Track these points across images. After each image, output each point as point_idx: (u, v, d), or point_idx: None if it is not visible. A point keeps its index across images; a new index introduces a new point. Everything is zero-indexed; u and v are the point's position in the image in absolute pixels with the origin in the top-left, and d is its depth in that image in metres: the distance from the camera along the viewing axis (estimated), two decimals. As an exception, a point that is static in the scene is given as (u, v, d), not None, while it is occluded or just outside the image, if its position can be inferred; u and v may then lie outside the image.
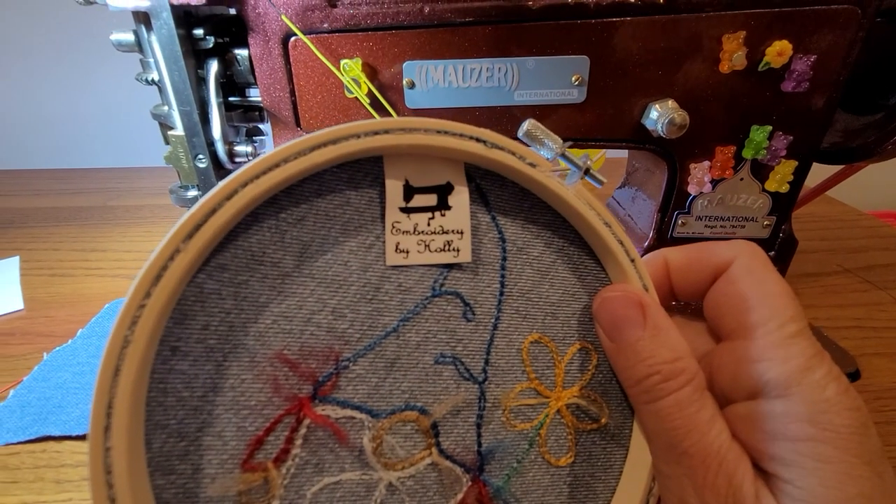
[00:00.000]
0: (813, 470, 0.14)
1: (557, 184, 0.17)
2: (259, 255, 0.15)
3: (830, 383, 0.14)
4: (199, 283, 0.15)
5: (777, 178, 0.33)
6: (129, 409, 0.13)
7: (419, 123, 0.15)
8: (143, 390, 0.14)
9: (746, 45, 0.28)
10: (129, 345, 0.13)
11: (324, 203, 0.16)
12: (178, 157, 0.31)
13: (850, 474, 0.14)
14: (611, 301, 0.18)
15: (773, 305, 0.16)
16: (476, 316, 0.18)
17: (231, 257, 0.15)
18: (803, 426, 0.14)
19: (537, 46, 0.29)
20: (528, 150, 0.17)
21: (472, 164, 0.17)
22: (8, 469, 0.25)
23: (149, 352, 0.14)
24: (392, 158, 0.16)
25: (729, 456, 0.15)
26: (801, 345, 0.15)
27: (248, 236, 0.15)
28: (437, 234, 0.17)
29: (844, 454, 0.14)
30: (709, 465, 0.15)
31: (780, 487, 0.14)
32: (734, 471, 0.15)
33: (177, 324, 0.15)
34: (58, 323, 0.37)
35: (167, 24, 0.26)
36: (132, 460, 0.14)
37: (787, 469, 0.14)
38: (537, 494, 0.18)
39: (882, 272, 0.43)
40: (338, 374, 0.16)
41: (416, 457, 0.17)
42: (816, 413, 0.14)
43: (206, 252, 0.15)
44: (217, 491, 0.15)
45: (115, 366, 0.13)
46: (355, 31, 0.28)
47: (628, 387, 0.17)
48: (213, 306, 0.15)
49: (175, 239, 0.14)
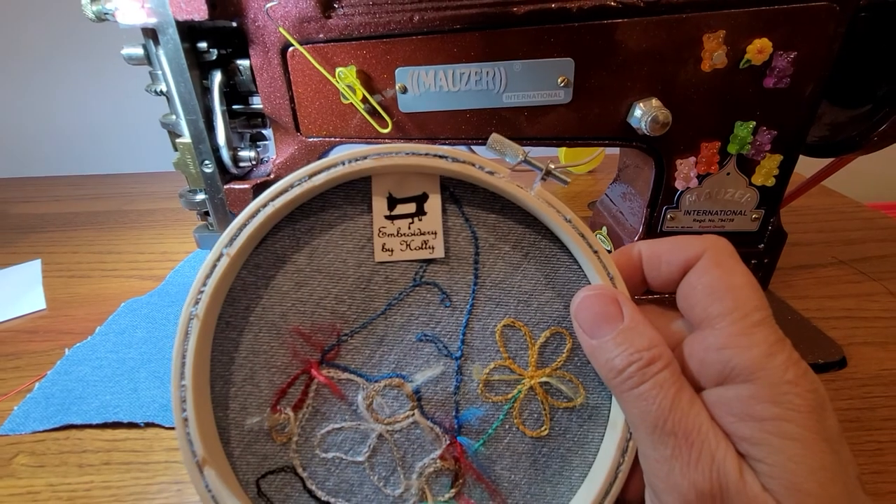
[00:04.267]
0: (780, 447, 0.15)
1: (514, 186, 0.19)
2: (281, 256, 0.20)
3: (791, 367, 0.15)
4: (243, 277, 0.20)
5: (763, 172, 0.33)
6: (196, 360, 0.19)
7: (391, 149, 0.19)
8: (208, 350, 0.20)
9: (727, 44, 0.29)
10: (194, 318, 0.19)
11: (326, 215, 0.21)
12: (185, 163, 0.32)
13: (812, 449, 0.15)
14: (588, 300, 0.19)
15: (738, 296, 0.17)
16: (452, 302, 0.21)
17: (262, 258, 0.20)
18: (768, 406, 0.15)
19: (523, 50, 0.30)
20: (487, 161, 0.19)
21: (445, 176, 0.20)
22: (35, 454, 0.27)
23: (209, 323, 0.19)
24: (378, 177, 0.20)
25: (710, 435, 0.16)
26: (763, 332, 0.16)
27: (273, 242, 0.20)
28: (415, 235, 0.20)
29: (805, 431, 0.15)
30: (692, 443, 0.16)
31: (754, 466, 0.15)
32: (716, 449, 0.15)
33: (228, 305, 0.20)
34: (77, 321, 0.39)
35: (173, 39, 0.28)
36: (199, 396, 0.19)
37: (756, 448, 0.15)
38: (511, 460, 0.20)
39: (877, 263, 0.43)
40: (339, 345, 0.21)
41: (401, 415, 0.21)
42: (779, 395, 0.15)
43: (244, 255, 0.20)
44: (254, 425, 0.20)
45: (186, 330, 0.19)
46: (349, 40, 0.30)
47: (610, 378, 0.18)
48: (251, 293, 0.20)
49: (219, 246, 0.19)
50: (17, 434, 0.28)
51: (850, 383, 0.31)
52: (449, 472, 0.20)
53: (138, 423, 0.29)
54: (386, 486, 0.20)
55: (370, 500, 0.20)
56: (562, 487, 0.20)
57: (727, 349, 0.16)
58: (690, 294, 0.18)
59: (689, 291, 0.18)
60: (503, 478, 0.20)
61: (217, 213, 0.34)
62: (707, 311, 0.17)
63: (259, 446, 0.20)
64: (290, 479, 0.20)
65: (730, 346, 0.16)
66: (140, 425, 0.29)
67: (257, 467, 0.20)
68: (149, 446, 0.28)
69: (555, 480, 0.20)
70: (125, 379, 0.32)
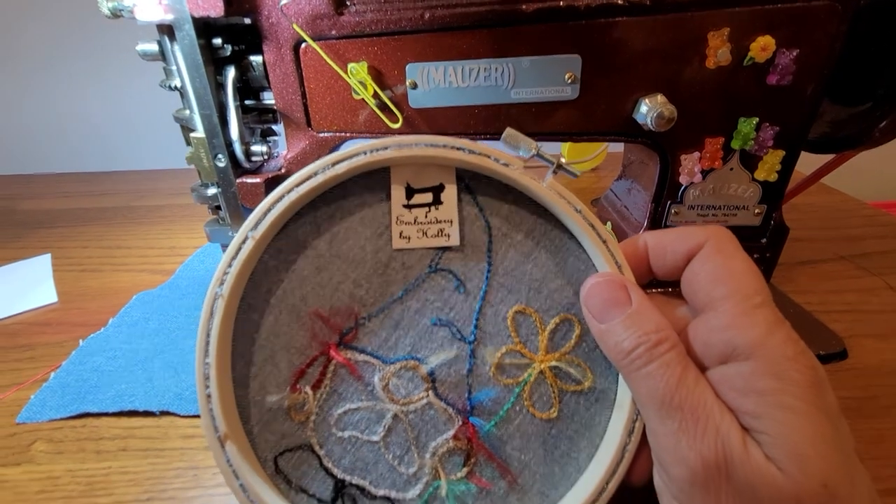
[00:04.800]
0: (781, 419, 0.15)
1: (528, 178, 0.20)
2: (303, 241, 0.21)
3: (790, 345, 0.16)
4: (265, 261, 0.21)
5: (766, 168, 0.34)
6: (220, 341, 0.20)
7: (411, 140, 0.20)
8: (230, 331, 0.20)
9: (731, 42, 0.30)
10: (219, 298, 0.20)
11: (347, 203, 0.21)
12: (199, 157, 0.33)
13: (811, 419, 0.15)
14: (598, 286, 0.20)
15: (739, 280, 0.18)
16: (466, 289, 0.21)
17: (284, 243, 0.21)
18: (769, 381, 0.16)
19: (532, 47, 0.30)
20: (502, 153, 0.20)
21: (461, 168, 0.21)
22: (53, 441, 0.28)
23: (232, 304, 0.20)
24: (397, 167, 0.21)
25: (715, 409, 0.16)
26: (764, 313, 0.17)
27: (295, 228, 0.21)
28: (432, 223, 0.21)
29: (804, 403, 0.15)
30: (698, 418, 0.16)
31: (757, 438, 0.16)
32: (721, 422, 0.16)
33: (251, 288, 0.21)
34: (89, 314, 0.39)
35: (189, 35, 0.29)
36: (222, 374, 0.20)
37: (758, 421, 0.16)
38: (521, 441, 0.21)
39: (878, 259, 0.44)
40: (357, 328, 0.21)
41: (415, 396, 0.21)
42: (779, 370, 0.16)
43: (268, 239, 0.21)
44: (274, 403, 0.21)
45: (211, 309, 0.20)
46: (361, 36, 0.30)
47: (619, 360, 0.19)
48: (273, 277, 0.21)
49: (244, 229, 0.20)
50: (35, 422, 0.29)
51: (850, 374, 0.31)
52: (461, 451, 0.21)
53: (153, 411, 0.29)
54: (400, 465, 0.21)
55: (385, 478, 0.21)
56: (570, 468, 0.21)
57: (730, 329, 0.17)
58: (694, 280, 0.19)
59: (692, 278, 0.19)
60: (513, 458, 0.21)
61: (229, 207, 0.35)
62: (710, 296, 0.18)
63: (277, 425, 0.21)
64: (308, 456, 0.21)
65: (732, 327, 0.17)
66: (155, 413, 0.29)
67: (275, 445, 0.21)
68: (164, 433, 0.28)
69: (563, 461, 0.21)
70: (139, 369, 0.32)
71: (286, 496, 0.20)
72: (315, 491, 0.21)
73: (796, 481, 0.15)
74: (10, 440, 0.28)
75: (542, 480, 0.21)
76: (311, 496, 0.21)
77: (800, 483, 0.15)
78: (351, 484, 0.21)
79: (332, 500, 0.21)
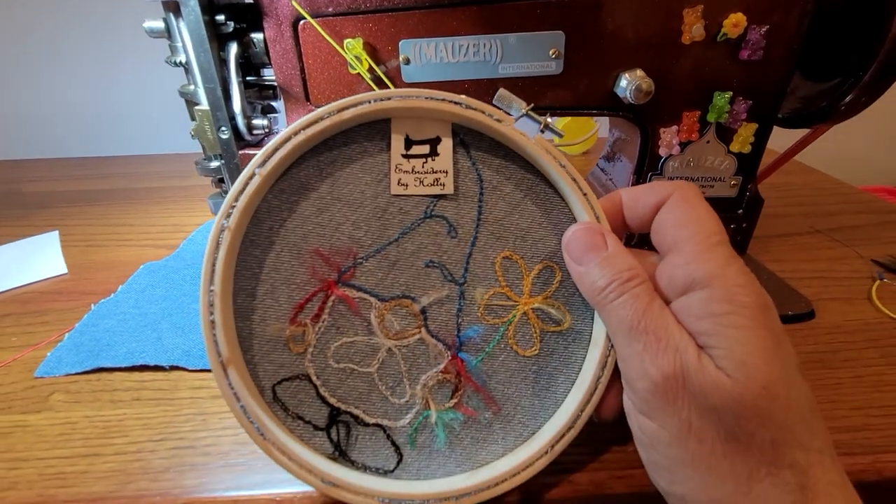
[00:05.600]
0: (731, 335, 0.18)
1: (518, 133, 0.22)
2: (305, 183, 0.23)
3: (741, 275, 0.19)
4: (268, 200, 0.23)
5: (740, 140, 0.36)
6: (224, 271, 0.21)
7: (413, 92, 0.22)
8: (233, 263, 0.22)
9: (705, 18, 0.31)
10: (225, 230, 0.21)
11: (349, 150, 0.23)
12: (203, 130, 0.35)
13: (757, 335, 0.18)
14: (578, 233, 0.22)
15: (699, 223, 0.20)
16: (458, 234, 0.23)
17: (287, 184, 0.23)
18: (723, 304, 0.18)
19: (518, 24, 0.32)
20: (496, 110, 0.22)
21: (457, 123, 0.22)
22: (71, 392, 0.30)
23: (237, 237, 0.22)
24: (398, 119, 0.22)
25: (675, 331, 0.19)
26: (720, 249, 0.19)
27: (298, 171, 0.23)
28: (428, 173, 0.23)
29: (751, 322, 0.18)
30: (660, 339, 0.19)
31: (710, 353, 0.18)
32: (679, 341, 0.18)
33: (253, 225, 0.22)
34: (98, 283, 0.41)
35: (195, 12, 0.30)
36: (225, 304, 0.21)
37: (712, 338, 0.18)
38: (505, 375, 0.23)
39: (850, 232, 0.46)
40: (355, 267, 0.23)
41: (408, 332, 0.23)
42: (731, 295, 0.18)
43: (272, 179, 0.22)
44: (273, 333, 0.23)
45: (217, 241, 0.21)
46: (356, 13, 0.32)
47: (594, 296, 0.21)
48: (275, 215, 0.23)
49: (251, 166, 0.21)
50: (52, 376, 0.31)
51: (816, 331, 0.34)
52: (450, 383, 0.23)
53: (164, 366, 0.31)
54: (392, 396, 0.23)
55: (377, 407, 0.23)
56: (548, 400, 0.23)
57: (691, 264, 0.19)
58: (662, 226, 0.21)
59: (660, 224, 0.21)
60: (498, 391, 0.23)
61: (232, 178, 0.36)
62: (674, 238, 0.20)
63: (276, 355, 0.23)
64: (304, 385, 0.23)
65: (693, 262, 0.19)
66: (165, 368, 0.31)
67: (274, 374, 0.23)
68: (174, 385, 0.30)
69: (542, 395, 0.23)
70: (149, 329, 0.34)
71: (283, 422, 0.22)
72: (311, 418, 0.23)
73: (741, 384, 0.17)
74: (29, 391, 0.30)
75: (523, 411, 0.23)
76: (307, 423, 0.23)
77: (744, 386, 0.17)
78: (345, 412, 0.23)
79: (327, 426, 0.23)
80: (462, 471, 0.23)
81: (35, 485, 0.24)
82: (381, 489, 0.21)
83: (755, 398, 0.17)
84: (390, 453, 0.23)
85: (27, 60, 0.72)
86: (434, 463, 0.23)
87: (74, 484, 0.24)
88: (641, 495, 0.23)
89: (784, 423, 0.17)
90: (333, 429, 0.23)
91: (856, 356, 0.31)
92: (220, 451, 0.26)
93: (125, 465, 0.25)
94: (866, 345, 0.32)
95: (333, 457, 0.23)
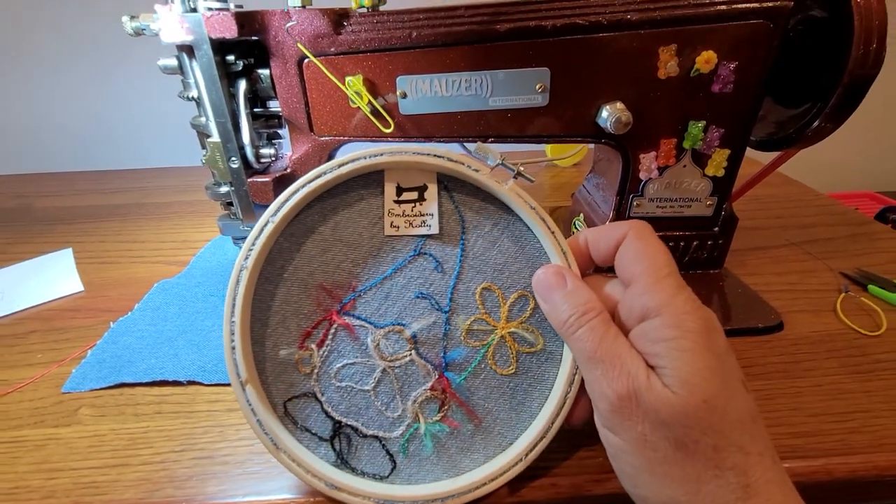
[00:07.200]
0: (677, 356, 0.20)
1: (493, 182, 0.25)
2: (311, 227, 0.26)
3: (688, 303, 0.21)
4: (280, 243, 0.26)
5: (714, 165, 0.39)
6: (243, 305, 0.24)
7: (401, 149, 0.25)
8: (251, 298, 0.25)
9: (678, 56, 0.34)
10: (244, 270, 0.24)
11: (348, 197, 0.26)
12: (215, 160, 0.37)
13: (700, 356, 0.20)
14: (543, 275, 0.25)
15: (652, 258, 0.23)
16: (444, 269, 0.26)
17: (296, 228, 0.26)
18: (671, 330, 0.21)
19: (506, 61, 0.35)
20: (475, 161, 0.25)
21: (441, 172, 0.26)
22: (97, 406, 0.32)
23: (254, 276, 0.25)
24: (390, 170, 0.26)
25: (627, 358, 0.21)
26: (669, 281, 0.22)
27: (305, 216, 0.26)
28: (417, 216, 0.26)
29: (695, 345, 0.20)
30: (615, 364, 0.21)
31: (659, 373, 0.21)
32: (631, 366, 0.21)
33: (267, 265, 0.26)
34: (115, 300, 0.44)
35: (207, 54, 0.33)
36: (243, 331, 0.25)
37: (663, 359, 0.21)
38: (485, 391, 0.26)
39: (823, 244, 0.49)
40: (354, 298, 0.26)
41: (401, 355, 0.26)
42: (679, 321, 0.21)
43: (284, 224, 0.25)
44: (285, 357, 0.26)
45: (237, 278, 0.24)
46: (357, 53, 0.35)
47: (559, 327, 0.24)
48: (286, 255, 0.26)
49: (267, 215, 0.25)
50: (78, 392, 0.34)
51: (783, 342, 0.36)
52: (437, 399, 0.26)
53: (181, 381, 0.34)
54: (387, 410, 0.26)
55: (374, 420, 0.26)
56: (524, 414, 0.26)
57: (644, 295, 0.22)
58: (621, 261, 0.24)
59: (620, 260, 0.24)
60: (480, 406, 0.26)
61: (241, 203, 0.39)
62: (631, 272, 0.23)
63: (287, 376, 0.26)
64: (311, 402, 0.26)
65: (646, 293, 0.22)
66: (183, 383, 0.34)
67: (285, 392, 0.26)
68: (192, 399, 0.33)
69: (519, 409, 0.26)
70: (166, 346, 0.37)
71: (293, 433, 0.26)
72: (317, 430, 0.26)
73: (684, 399, 0.20)
74: (58, 406, 0.33)
75: (501, 423, 0.26)
76: (314, 434, 0.26)
77: (686, 400, 0.20)
78: (346, 425, 0.26)
79: (331, 437, 0.26)
80: (448, 476, 0.26)
81: (71, 493, 0.27)
82: (378, 492, 0.25)
83: (696, 410, 0.19)
84: (385, 461, 0.26)
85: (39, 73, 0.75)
86: (423, 469, 0.26)
87: (107, 492, 0.27)
88: (616, 496, 0.26)
89: (723, 431, 0.20)
90: (336, 440, 0.26)
91: (817, 366, 0.34)
92: (237, 460, 0.29)
93: (151, 474, 0.28)
94: (828, 355, 0.35)
95: (336, 464, 0.26)
